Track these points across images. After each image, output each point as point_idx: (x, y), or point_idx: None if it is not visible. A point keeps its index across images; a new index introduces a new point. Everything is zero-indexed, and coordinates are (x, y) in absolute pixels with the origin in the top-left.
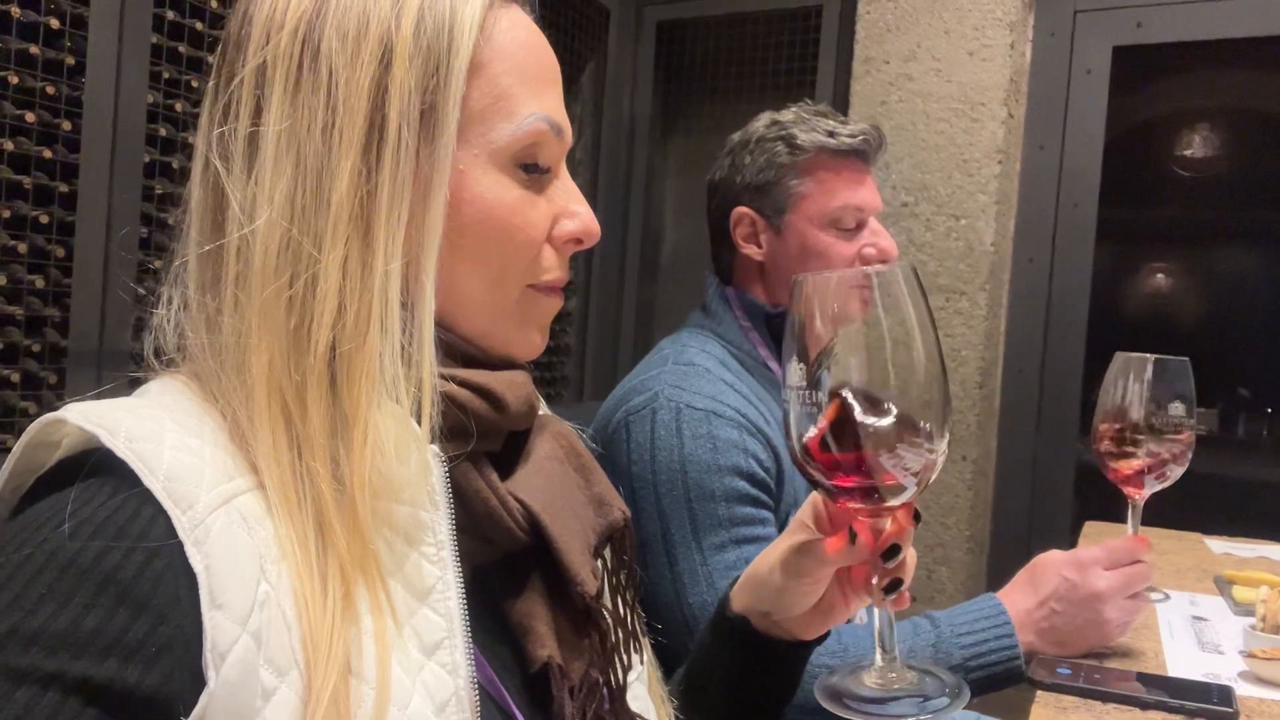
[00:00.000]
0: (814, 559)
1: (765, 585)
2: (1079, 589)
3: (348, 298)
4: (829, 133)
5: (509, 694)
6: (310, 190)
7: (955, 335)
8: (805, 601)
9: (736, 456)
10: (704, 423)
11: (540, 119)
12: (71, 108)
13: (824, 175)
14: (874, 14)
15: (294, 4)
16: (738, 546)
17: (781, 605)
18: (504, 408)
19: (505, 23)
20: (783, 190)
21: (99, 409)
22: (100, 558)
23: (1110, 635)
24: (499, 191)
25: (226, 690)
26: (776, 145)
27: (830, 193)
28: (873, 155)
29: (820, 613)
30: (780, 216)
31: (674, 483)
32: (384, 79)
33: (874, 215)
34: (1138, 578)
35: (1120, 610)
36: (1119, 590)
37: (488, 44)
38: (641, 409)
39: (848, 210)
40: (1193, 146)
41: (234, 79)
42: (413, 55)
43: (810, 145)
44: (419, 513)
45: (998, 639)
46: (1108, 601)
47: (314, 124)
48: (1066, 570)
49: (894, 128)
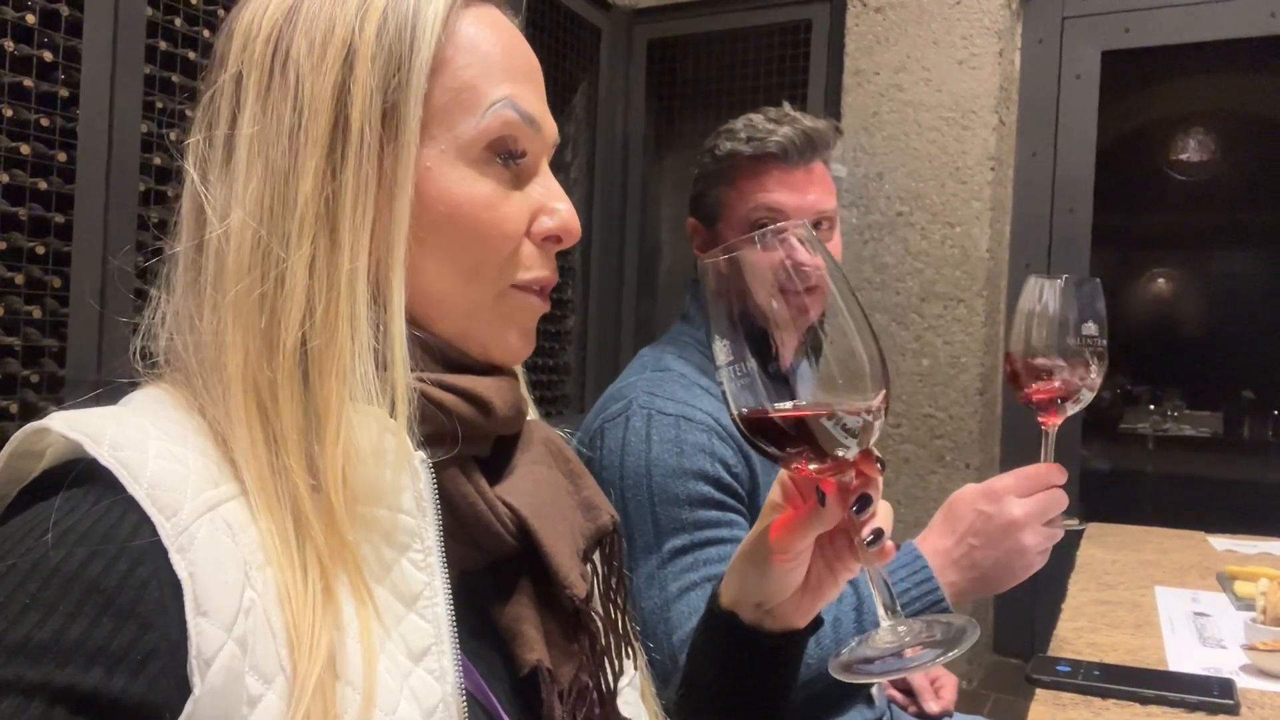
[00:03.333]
0: (792, 533)
1: (749, 573)
2: (994, 519)
3: (315, 295)
4: (749, 138)
5: (498, 700)
6: (278, 191)
7: (955, 343)
8: (791, 581)
9: (702, 461)
10: (673, 427)
11: (505, 106)
12: (66, 139)
13: (743, 181)
14: (863, 26)
15: (270, 13)
16: (699, 549)
17: (769, 591)
18: (491, 412)
19: (471, 18)
20: (711, 199)
21: (83, 418)
22: (84, 566)
23: (1032, 563)
24: (467, 187)
25: (212, 697)
26: (705, 157)
27: (745, 197)
28: (794, 156)
29: (810, 592)
30: (713, 226)
31: (639, 487)
32: (347, 80)
33: (805, 216)
34: (1053, 502)
35: (1039, 536)
36: (1035, 516)
37: (450, 41)
38: (616, 416)
39: (760, 212)
40: (1186, 150)
41: (213, 87)
42: (375, 56)
43: (726, 152)
44: (405, 518)
45: (918, 585)
46: (1025, 528)
47: (281, 127)
48: (981, 503)
49: (886, 138)
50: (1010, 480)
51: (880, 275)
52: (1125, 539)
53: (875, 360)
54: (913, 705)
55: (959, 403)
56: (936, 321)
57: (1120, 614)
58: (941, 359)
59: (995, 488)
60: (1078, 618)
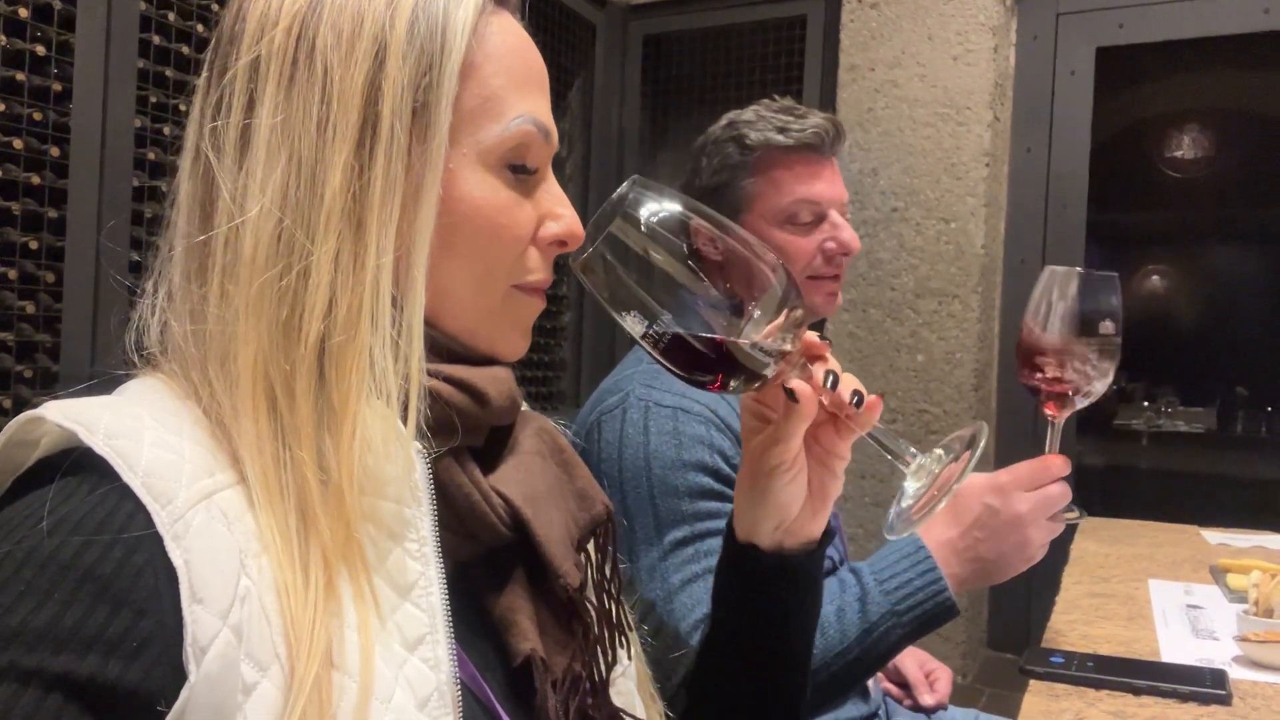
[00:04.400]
0: (782, 442)
1: (757, 503)
2: (1001, 514)
3: (339, 291)
4: (779, 128)
5: (491, 690)
6: (304, 183)
7: (949, 338)
8: (797, 491)
9: (701, 452)
10: (670, 419)
11: (528, 121)
12: (59, 133)
13: (776, 172)
14: (857, 22)
15: (289, 1)
16: (700, 540)
17: (782, 508)
18: (486, 402)
19: (496, 26)
20: (736, 191)
21: (77, 406)
22: (79, 553)
23: (1034, 556)
24: (487, 191)
25: (207, 685)
26: (728, 146)
27: (782, 189)
28: (828, 147)
29: (815, 496)
30: (736, 217)
31: (638, 480)
32: (378, 76)
33: (835, 207)
34: (1058, 496)
35: (1043, 530)
36: (1041, 510)
37: (480, 47)
38: (613, 409)
39: (801, 204)
40: (1181, 147)
41: (227, 73)
42: (406, 54)
43: (759, 143)
44: (402, 509)
45: (921, 576)
46: (1030, 524)
47: (308, 118)
48: (988, 496)
49: (881, 134)
50: (1016, 473)
51: (875, 271)
52: (1119, 533)
53: (767, 262)
54: (908, 699)
55: (953, 398)
56: (931, 317)
57: (1114, 606)
58: (936, 354)
59: (1001, 481)
60: (1071, 610)
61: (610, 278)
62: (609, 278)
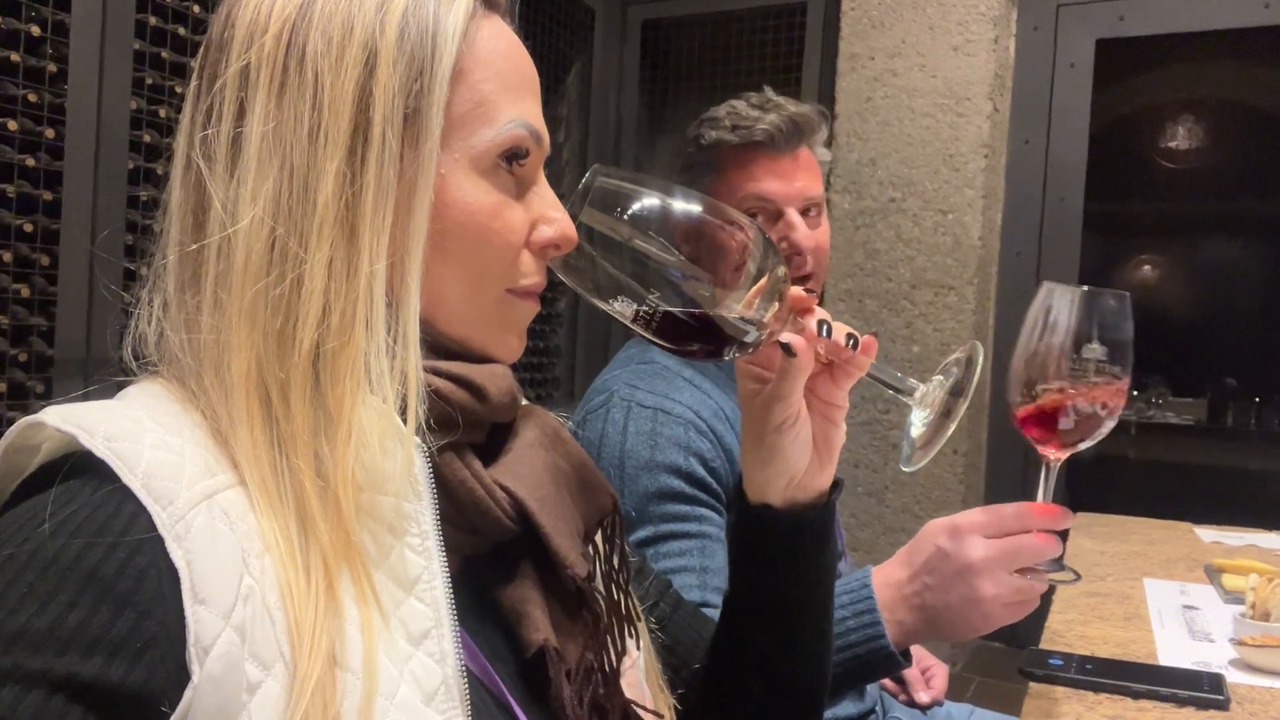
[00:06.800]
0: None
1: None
2: (951, 559)
3: (333, 298)
4: (733, 126)
5: (503, 681)
6: (296, 191)
7: (944, 329)
8: (804, 443)
9: (675, 455)
10: (649, 420)
11: (520, 125)
12: (54, 115)
13: (730, 171)
14: (858, 10)
15: (278, 8)
16: (660, 542)
17: (791, 461)
18: (485, 397)
19: (487, 31)
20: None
21: (77, 410)
22: (81, 555)
23: (991, 614)
24: (479, 196)
25: (211, 685)
26: (690, 146)
27: (734, 187)
28: (782, 144)
29: (821, 448)
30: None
31: (610, 477)
32: (369, 83)
33: (793, 204)
34: (1025, 550)
35: (999, 586)
36: (997, 562)
37: (470, 51)
38: (598, 409)
39: (750, 201)
40: (1177, 139)
41: (216, 81)
42: (396, 60)
43: (712, 141)
44: (403, 504)
45: (857, 616)
46: (982, 574)
47: (299, 126)
48: (941, 538)
49: (880, 123)
50: (980, 517)
51: (872, 261)
52: (1112, 529)
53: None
54: (903, 695)
55: None
56: (927, 309)
57: (1110, 606)
58: (931, 346)
59: (960, 523)
60: (1068, 610)
61: (591, 268)
62: (589, 269)
